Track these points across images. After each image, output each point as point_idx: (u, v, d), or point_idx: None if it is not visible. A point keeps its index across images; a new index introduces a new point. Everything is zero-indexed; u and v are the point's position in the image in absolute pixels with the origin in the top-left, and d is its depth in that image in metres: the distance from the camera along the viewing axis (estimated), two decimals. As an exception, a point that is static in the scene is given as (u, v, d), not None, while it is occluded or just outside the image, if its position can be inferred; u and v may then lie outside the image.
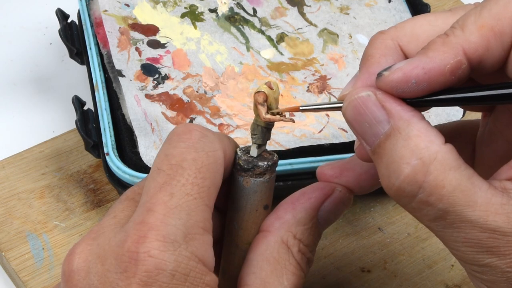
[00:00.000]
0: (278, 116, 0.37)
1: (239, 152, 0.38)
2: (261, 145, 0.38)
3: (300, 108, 0.37)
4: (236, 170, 0.37)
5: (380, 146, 0.32)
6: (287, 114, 0.38)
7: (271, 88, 0.37)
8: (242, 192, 0.37)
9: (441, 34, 0.32)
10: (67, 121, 0.63)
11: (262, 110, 0.37)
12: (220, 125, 0.55)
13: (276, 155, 0.38)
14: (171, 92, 0.57)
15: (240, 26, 0.63)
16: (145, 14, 0.62)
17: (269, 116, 0.37)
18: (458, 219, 0.31)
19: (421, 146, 0.31)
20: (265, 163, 0.37)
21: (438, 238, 0.33)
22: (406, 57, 0.35)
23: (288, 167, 0.52)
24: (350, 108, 0.33)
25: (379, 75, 0.33)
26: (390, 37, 0.35)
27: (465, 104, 0.34)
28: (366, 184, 0.39)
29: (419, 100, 0.32)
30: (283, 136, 0.55)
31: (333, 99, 0.59)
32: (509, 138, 0.35)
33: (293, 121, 0.38)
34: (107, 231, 0.34)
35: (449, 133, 0.39)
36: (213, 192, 0.34)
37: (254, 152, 0.38)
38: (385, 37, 0.35)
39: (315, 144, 0.54)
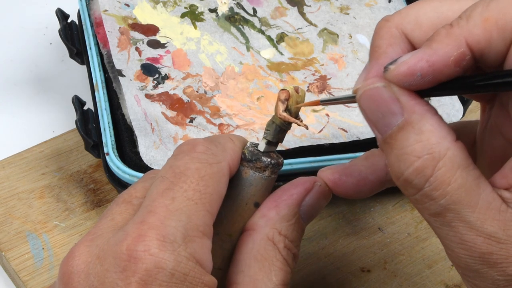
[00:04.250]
0: (293, 118, 0.38)
1: (248, 144, 0.39)
2: (270, 142, 0.39)
3: (321, 101, 0.38)
4: (240, 160, 0.38)
5: (391, 137, 0.32)
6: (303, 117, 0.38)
7: (297, 92, 0.38)
8: (238, 181, 0.38)
9: (446, 25, 0.32)
10: (67, 121, 0.63)
11: (281, 107, 0.38)
12: (220, 125, 0.55)
13: (282, 159, 0.39)
14: (171, 92, 0.57)
15: (240, 26, 0.63)
16: (145, 14, 0.62)
17: (284, 114, 0.38)
18: (457, 218, 0.31)
19: (432, 142, 0.31)
20: (269, 160, 0.38)
21: (436, 235, 0.33)
22: (411, 44, 0.35)
23: (288, 167, 0.52)
24: (365, 97, 0.33)
25: (386, 68, 0.33)
26: (395, 25, 0.35)
27: (470, 92, 0.34)
28: (364, 190, 0.39)
29: (427, 90, 0.32)
30: (283, 136, 0.55)
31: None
32: (507, 136, 0.35)
33: (306, 127, 0.38)
34: (105, 232, 0.34)
35: None
36: (215, 200, 0.35)
37: (262, 146, 0.39)
38: (390, 25, 0.35)
39: (315, 144, 0.54)
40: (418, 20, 0.34)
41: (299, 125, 0.38)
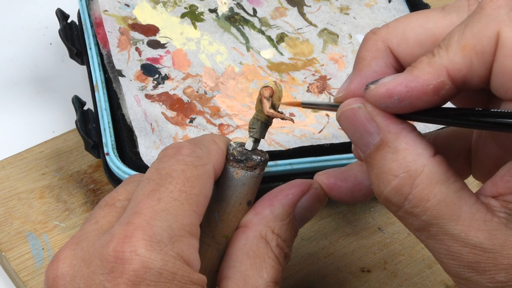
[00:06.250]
0: (280, 114, 0.38)
1: (233, 144, 0.38)
2: (257, 140, 0.39)
3: (302, 103, 0.39)
4: (228, 161, 0.38)
5: (370, 156, 0.33)
6: (286, 112, 0.39)
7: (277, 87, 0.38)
8: (230, 183, 0.38)
9: (429, 53, 0.32)
10: (67, 121, 0.63)
11: (267, 104, 0.38)
12: (220, 125, 0.55)
13: (267, 154, 0.39)
14: (171, 92, 0.57)
15: (240, 26, 0.63)
16: (145, 14, 0.62)
17: (272, 111, 0.38)
18: (441, 232, 0.32)
19: (408, 160, 0.32)
20: (259, 157, 0.38)
21: (425, 246, 0.34)
22: (396, 59, 0.35)
23: (288, 167, 0.52)
24: (342, 118, 0.35)
25: (367, 87, 0.33)
26: (381, 39, 0.35)
27: (448, 124, 0.35)
28: (359, 195, 0.40)
29: (403, 115, 0.33)
30: (283, 136, 0.55)
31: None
32: (499, 144, 0.36)
33: (293, 121, 0.39)
34: (90, 236, 0.34)
35: (445, 138, 0.40)
36: (201, 201, 0.35)
37: (249, 145, 0.39)
38: (377, 38, 0.35)
39: (315, 144, 0.54)
40: (404, 35, 0.35)
41: (285, 119, 0.38)
